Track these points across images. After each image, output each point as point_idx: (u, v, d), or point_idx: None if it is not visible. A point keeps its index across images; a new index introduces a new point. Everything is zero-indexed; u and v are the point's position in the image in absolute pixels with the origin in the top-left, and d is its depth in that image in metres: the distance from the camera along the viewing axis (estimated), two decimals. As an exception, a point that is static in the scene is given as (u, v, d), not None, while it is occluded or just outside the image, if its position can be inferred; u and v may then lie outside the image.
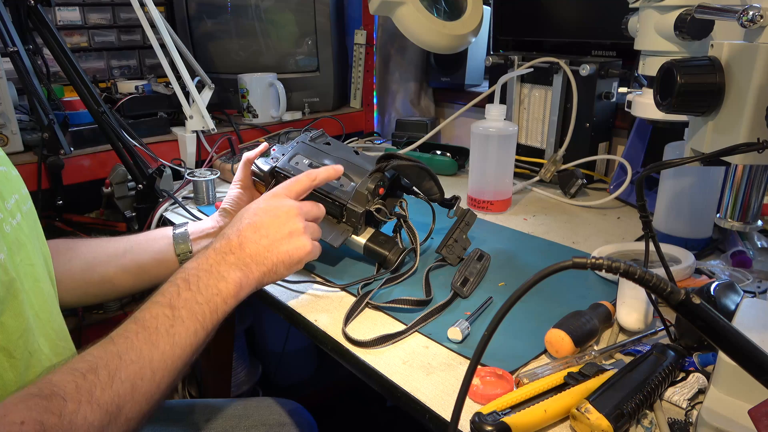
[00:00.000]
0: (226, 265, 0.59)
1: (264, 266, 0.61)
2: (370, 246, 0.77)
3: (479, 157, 0.99)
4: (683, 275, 0.73)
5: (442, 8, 1.23)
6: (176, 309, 0.53)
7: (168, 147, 1.23)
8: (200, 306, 0.54)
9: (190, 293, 0.55)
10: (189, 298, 0.54)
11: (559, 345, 0.58)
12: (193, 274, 0.57)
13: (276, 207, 0.65)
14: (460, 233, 0.80)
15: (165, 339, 0.51)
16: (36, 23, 1.00)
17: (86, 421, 0.43)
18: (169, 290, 0.55)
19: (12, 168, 0.58)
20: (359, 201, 0.76)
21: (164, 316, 0.52)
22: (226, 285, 0.57)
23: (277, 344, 1.67)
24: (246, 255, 0.60)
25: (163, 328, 0.51)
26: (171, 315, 0.52)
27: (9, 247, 0.51)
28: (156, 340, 0.50)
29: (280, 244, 0.62)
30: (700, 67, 0.51)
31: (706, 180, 0.81)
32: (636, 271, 0.34)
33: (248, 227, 0.62)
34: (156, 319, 0.51)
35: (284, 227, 0.63)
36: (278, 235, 0.63)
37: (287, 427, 0.87)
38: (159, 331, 0.51)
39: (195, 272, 0.57)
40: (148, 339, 0.50)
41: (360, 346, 0.61)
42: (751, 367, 0.36)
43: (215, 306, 0.56)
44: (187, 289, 0.55)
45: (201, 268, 0.57)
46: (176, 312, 0.53)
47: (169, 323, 0.52)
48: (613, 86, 1.09)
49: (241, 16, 1.42)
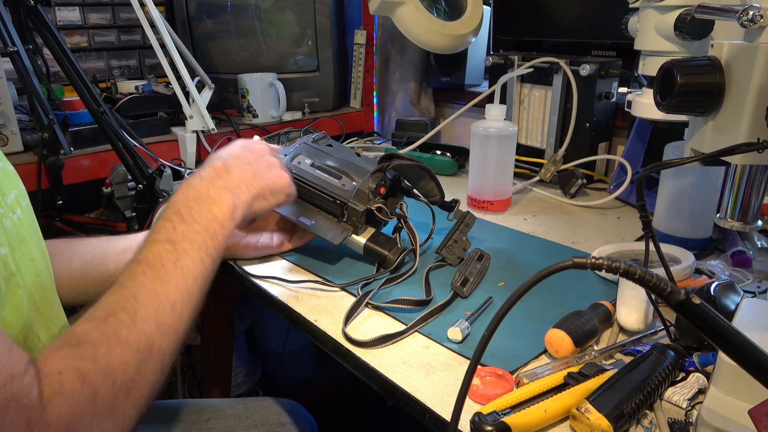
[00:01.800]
0: (216, 189, 0.58)
1: (253, 189, 0.61)
2: (370, 246, 0.78)
3: (479, 157, 0.99)
4: (683, 275, 0.73)
5: (442, 8, 1.23)
6: (176, 243, 0.52)
7: (168, 147, 1.23)
8: (199, 234, 0.54)
9: (186, 225, 0.54)
10: (186, 230, 0.53)
11: (559, 345, 0.58)
12: (184, 206, 0.56)
13: (249, 145, 0.67)
14: (459, 234, 0.80)
15: (174, 273, 0.50)
16: (36, 23, 1.00)
17: (121, 360, 0.44)
18: (164, 227, 0.54)
19: (8, 164, 0.58)
20: (360, 199, 0.76)
21: (167, 252, 0.51)
22: (219, 209, 0.57)
23: (277, 344, 1.67)
24: (233, 178, 0.60)
25: (169, 263, 0.51)
26: (173, 249, 0.52)
27: (9, 242, 0.51)
28: (165, 275, 0.50)
29: (263, 172, 0.64)
30: (700, 67, 0.51)
31: (706, 180, 0.81)
32: (636, 271, 0.34)
33: (229, 156, 0.63)
34: (159, 256, 0.51)
35: (262, 159, 0.66)
36: (259, 164, 0.64)
37: (287, 427, 0.87)
38: (166, 267, 0.50)
39: (185, 203, 0.56)
40: (158, 276, 0.50)
41: (360, 346, 0.61)
42: (751, 367, 0.36)
43: (214, 232, 0.55)
44: (182, 222, 0.54)
45: (190, 197, 0.57)
46: (177, 246, 0.52)
47: (174, 257, 0.51)
48: (613, 86, 1.09)
49: (241, 16, 1.43)
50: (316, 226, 0.77)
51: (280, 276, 0.76)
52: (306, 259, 0.82)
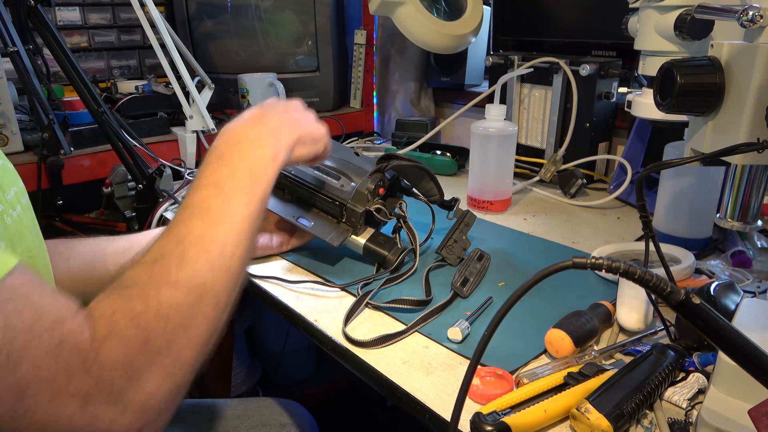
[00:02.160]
0: (256, 132, 0.57)
1: (293, 134, 0.60)
2: (369, 246, 0.78)
3: (479, 157, 0.99)
4: (683, 275, 0.73)
5: (442, 8, 1.23)
6: (220, 186, 0.52)
7: (168, 147, 1.23)
8: (243, 178, 0.53)
9: (228, 169, 0.53)
10: (228, 174, 0.53)
11: (559, 345, 0.58)
12: (225, 150, 0.55)
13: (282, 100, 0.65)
14: (459, 234, 0.80)
15: (221, 215, 0.50)
16: (36, 23, 1.00)
17: (172, 301, 0.43)
18: (207, 172, 0.53)
19: (7, 161, 0.58)
20: (359, 201, 0.76)
21: (212, 196, 0.51)
22: (262, 151, 0.56)
23: (277, 344, 1.67)
24: (273, 122, 0.59)
25: (215, 206, 0.50)
26: (218, 193, 0.51)
27: (10, 238, 0.51)
28: (213, 217, 0.49)
29: (302, 119, 0.62)
30: (700, 67, 0.51)
31: (706, 180, 0.81)
32: (636, 271, 0.34)
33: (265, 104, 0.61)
34: (205, 200, 0.51)
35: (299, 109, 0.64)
36: (296, 113, 0.63)
37: (288, 428, 0.87)
38: (212, 210, 0.50)
39: (226, 147, 0.55)
40: (205, 219, 0.49)
41: (360, 346, 0.61)
42: (751, 367, 0.36)
43: (257, 174, 0.54)
44: (224, 166, 0.53)
45: (230, 142, 0.56)
46: (222, 189, 0.52)
47: (219, 201, 0.51)
48: (613, 86, 1.09)
49: (241, 16, 1.43)
50: (315, 228, 0.77)
51: (280, 276, 0.76)
52: (306, 259, 0.82)
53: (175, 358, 0.43)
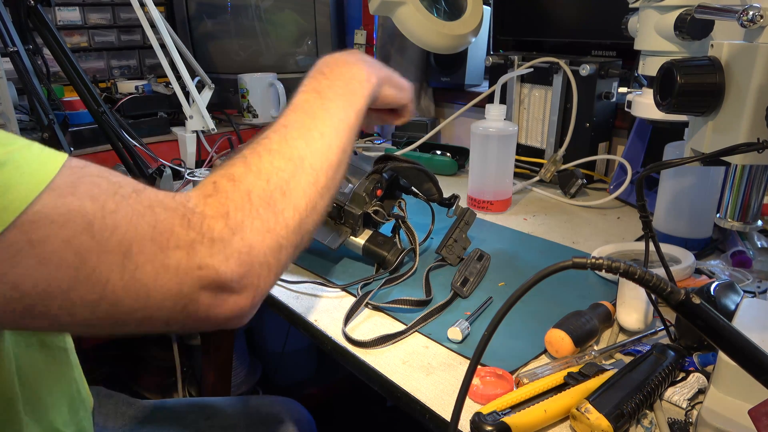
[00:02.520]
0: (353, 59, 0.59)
1: (384, 72, 0.62)
2: (368, 247, 0.78)
3: (479, 157, 0.99)
4: (683, 275, 0.73)
5: (442, 8, 1.23)
6: (321, 92, 0.54)
7: (168, 147, 1.23)
8: (342, 88, 0.55)
9: (329, 80, 0.55)
10: (329, 84, 0.55)
11: (559, 345, 0.58)
12: (326, 67, 0.57)
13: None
14: (459, 233, 0.80)
15: (321, 112, 0.52)
16: (36, 23, 1.00)
17: (273, 165, 0.45)
18: (308, 82, 0.55)
19: None
20: (357, 203, 0.76)
21: (314, 99, 0.53)
22: (358, 71, 0.58)
23: (277, 344, 1.67)
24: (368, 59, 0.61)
25: (316, 105, 0.52)
26: (319, 97, 0.53)
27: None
28: (313, 113, 0.52)
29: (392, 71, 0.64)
30: (700, 67, 0.51)
31: (706, 180, 0.81)
32: (636, 271, 0.34)
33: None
34: (306, 102, 0.53)
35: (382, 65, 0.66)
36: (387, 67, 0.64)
37: (286, 426, 0.87)
38: (313, 108, 0.52)
39: (325, 66, 0.57)
40: (306, 113, 0.51)
41: (360, 346, 0.61)
42: (751, 367, 0.36)
43: (354, 88, 0.56)
44: (325, 78, 0.56)
45: (329, 63, 0.58)
46: (322, 94, 0.54)
47: (320, 102, 0.53)
48: (613, 86, 1.09)
49: (241, 16, 1.43)
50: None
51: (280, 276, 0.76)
52: (306, 259, 0.82)
53: (276, 216, 0.44)
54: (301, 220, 0.46)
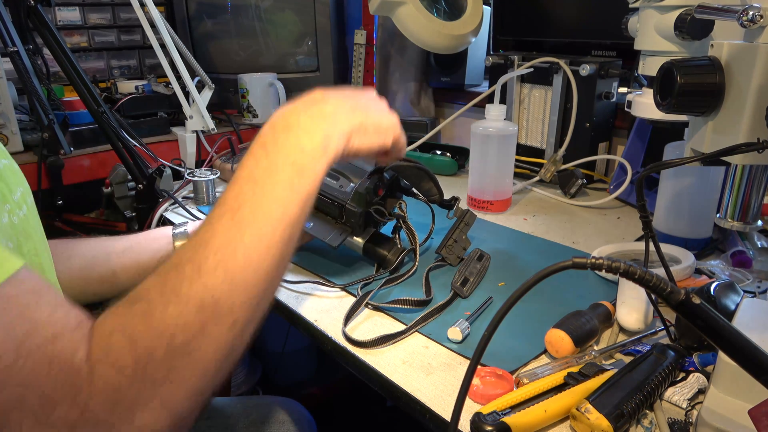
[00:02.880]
0: (308, 116, 0.50)
1: (352, 120, 0.53)
2: (369, 246, 0.78)
3: (479, 157, 0.99)
4: (683, 275, 0.73)
5: (442, 8, 1.23)
6: (258, 181, 0.46)
7: (168, 147, 1.23)
8: (285, 171, 0.47)
9: (270, 160, 0.48)
10: (270, 166, 0.47)
11: (559, 345, 0.58)
12: (270, 137, 0.49)
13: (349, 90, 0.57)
14: (459, 233, 0.80)
15: (253, 218, 0.45)
16: (36, 23, 1.00)
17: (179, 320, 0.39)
18: (248, 163, 0.48)
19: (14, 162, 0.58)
20: (358, 202, 0.76)
21: (248, 192, 0.46)
22: (310, 138, 0.49)
23: (277, 344, 1.67)
24: (330, 106, 0.52)
25: (247, 207, 0.45)
26: (254, 189, 0.46)
27: (18, 237, 0.51)
28: (242, 220, 0.44)
29: (368, 106, 0.55)
30: (700, 67, 0.51)
31: (706, 180, 0.81)
32: (636, 271, 0.34)
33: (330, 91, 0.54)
34: (238, 197, 0.46)
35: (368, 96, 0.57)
36: (363, 99, 0.55)
37: (286, 426, 0.87)
38: (243, 211, 0.45)
39: (272, 134, 0.49)
40: (233, 220, 0.44)
41: (360, 346, 0.61)
42: (751, 367, 0.36)
43: (302, 166, 0.48)
44: (266, 156, 0.48)
45: (278, 128, 0.50)
46: (259, 185, 0.46)
47: (254, 199, 0.46)
48: (613, 86, 1.09)
49: (241, 16, 1.42)
50: (315, 228, 0.77)
51: (280, 276, 0.76)
52: (306, 259, 0.82)
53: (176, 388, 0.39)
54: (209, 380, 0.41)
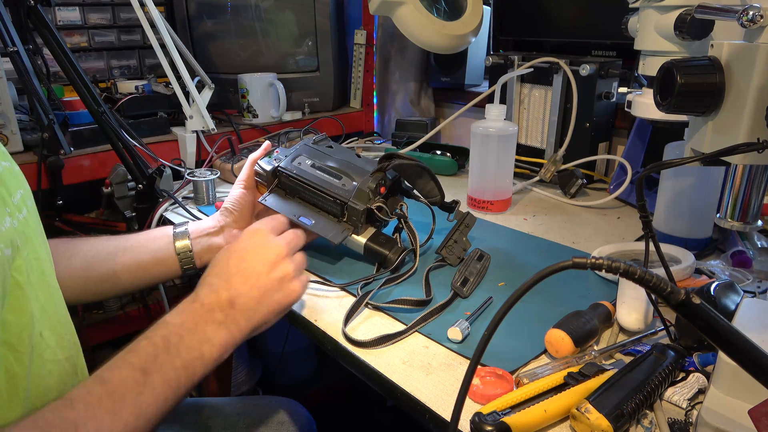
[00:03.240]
0: (214, 324, 0.55)
1: (254, 320, 0.58)
2: (370, 245, 0.78)
3: (479, 157, 0.99)
4: (683, 275, 0.73)
5: (442, 8, 1.23)
6: (149, 374, 0.48)
7: (168, 147, 1.23)
8: (176, 371, 0.50)
9: (168, 356, 0.50)
10: (165, 362, 0.50)
11: (559, 345, 0.58)
12: (175, 333, 0.52)
13: (264, 248, 0.61)
14: (460, 235, 0.81)
15: (130, 408, 0.46)
16: (36, 23, 1.00)
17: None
18: (145, 350, 0.50)
19: (14, 164, 0.58)
20: (360, 199, 0.76)
21: (134, 382, 0.47)
22: (210, 348, 0.54)
23: (277, 344, 1.67)
24: (236, 312, 0.57)
25: (130, 397, 0.46)
26: (142, 381, 0.47)
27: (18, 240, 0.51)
28: (120, 408, 0.45)
29: (272, 294, 0.59)
30: (700, 67, 0.51)
31: (706, 180, 0.81)
32: (636, 271, 0.34)
33: (237, 277, 0.58)
34: (124, 383, 0.47)
35: (274, 273, 0.60)
36: (269, 283, 0.59)
37: (286, 426, 0.87)
38: (125, 400, 0.46)
39: (177, 331, 0.53)
40: (112, 408, 0.45)
41: (360, 346, 0.61)
42: (751, 367, 0.36)
43: (193, 371, 0.52)
44: (166, 352, 0.50)
45: (185, 327, 0.53)
46: (148, 378, 0.48)
47: (138, 390, 0.47)
48: (613, 86, 1.09)
49: (241, 16, 1.42)
50: (317, 226, 0.77)
51: (280, 276, 0.76)
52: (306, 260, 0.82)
53: None
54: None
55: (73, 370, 0.57)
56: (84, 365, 0.61)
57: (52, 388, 0.52)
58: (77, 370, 0.58)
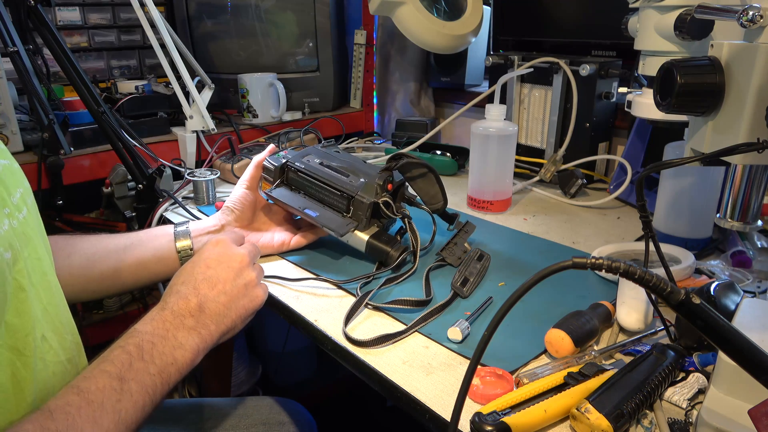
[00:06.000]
0: (185, 330, 0.57)
1: (223, 325, 0.60)
2: (372, 242, 0.78)
3: (479, 157, 0.99)
4: (683, 275, 0.73)
5: (442, 8, 1.23)
6: (125, 381, 0.49)
7: (168, 147, 1.23)
8: (152, 378, 0.51)
9: (143, 363, 0.51)
10: (141, 369, 0.51)
11: (559, 345, 0.58)
12: (147, 341, 0.54)
13: (228, 257, 0.64)
14: (460, 239, 0.82)
15: (110, 416, 0.47)
16: (36, 23, 1.00)
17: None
18: (119, 358, 0.51)
19: (14, 161, 0.57)
20: (368, 192, 0.77)
21: (111, 389, 0.48)
22: (182, 353, 0.55)
23: (277, 344, 1.67)
24: (206, 317, 0.59)
25: (108, 404, 0.47)
26: (119, 388, 0.48)
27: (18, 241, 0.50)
28: (100, 416, 0.46)
29: (238, 299, 0.62)
30: (700, 67, 0.51)
31: (706, 180, 0.81)
32: (636, 271, 0.34)
33: (205, 283, 0.61)
34: (102, 392, 0.48)
35: (239, 279, 0.63)
36: (235, 289, 0.62)
37: (286, 426, 0.87)
38: (104, 407, 0.47)
39: (149, 338, 0.54)
40: (91, 416, 0.46)
41: (360, 346, 0.61)
42: (751, 367, 0.36)
43: (168, 376, 0.53)
44: (140, 359, 0.51)
45: (156, 334, 0.55)
46: (125, 385, 0.49)
47: (116, 398, 0.48)
48: (613, 86, 1.09)
49: (241, 16, 1.42)
50: (322, 218, 0.78)
51: (280, 275, 0.76)
52: (306, 259, 0.82)
53: None
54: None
55: (75, 371, 0.57)
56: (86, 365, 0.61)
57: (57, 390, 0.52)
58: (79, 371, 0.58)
